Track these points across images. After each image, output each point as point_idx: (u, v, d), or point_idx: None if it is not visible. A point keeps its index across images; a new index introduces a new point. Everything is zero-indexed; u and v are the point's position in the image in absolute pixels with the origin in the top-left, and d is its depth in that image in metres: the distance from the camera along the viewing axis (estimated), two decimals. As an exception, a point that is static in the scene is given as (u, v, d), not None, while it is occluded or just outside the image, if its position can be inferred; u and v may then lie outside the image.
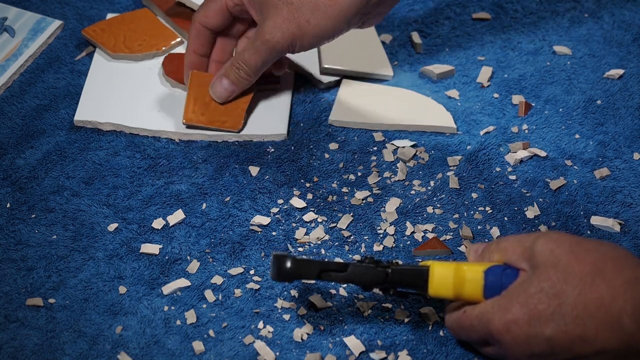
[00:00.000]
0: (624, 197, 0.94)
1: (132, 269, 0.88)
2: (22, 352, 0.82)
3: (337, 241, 0.91)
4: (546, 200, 0.94)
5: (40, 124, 1.00)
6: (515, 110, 1.02)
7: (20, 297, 0.86)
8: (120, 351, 0.82)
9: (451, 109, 1.02)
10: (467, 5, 1.13)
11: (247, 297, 0.86)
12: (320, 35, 0.93)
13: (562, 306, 0.73)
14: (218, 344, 0.83)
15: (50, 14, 1.11)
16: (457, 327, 0.80)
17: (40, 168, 0.96)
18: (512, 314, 0.75)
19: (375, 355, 0.82)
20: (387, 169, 0.97)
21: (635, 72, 1.06)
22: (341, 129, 1.00)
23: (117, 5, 1.13)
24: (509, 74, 1.06)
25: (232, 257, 0.89)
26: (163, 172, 0.96)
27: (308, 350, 0.83)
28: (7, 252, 0.89)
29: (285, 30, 0.92)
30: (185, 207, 0.93)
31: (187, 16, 1.09)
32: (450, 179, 0.95)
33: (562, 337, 0.73)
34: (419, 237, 0.91)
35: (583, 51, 1.08)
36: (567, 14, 1.12)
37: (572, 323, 0.73)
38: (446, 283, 0.79)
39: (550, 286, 0.74)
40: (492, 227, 0.92)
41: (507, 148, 0.98)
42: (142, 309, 0.85)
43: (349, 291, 0.87)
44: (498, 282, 0.78)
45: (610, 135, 1.00)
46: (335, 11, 0.91)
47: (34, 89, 1.04)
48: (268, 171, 0.96)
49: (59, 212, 0.92)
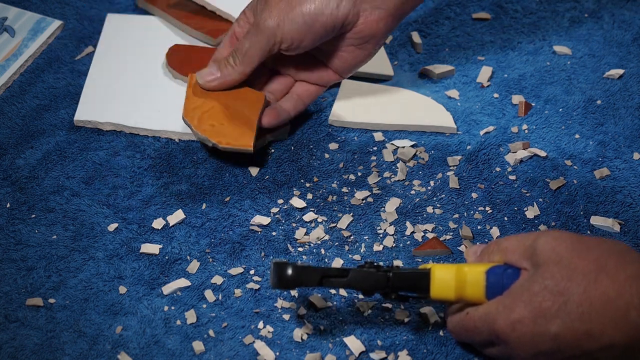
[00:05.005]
0: (624, 197, 0.94)
1: (132, 269, 0.88)
2: (22, 352, 0.82)
3: (337, 241, 0.91)
4: (546, 200, 0.94)
5: (40, 124, 1.00)
6: (515, 110, 1.02)
7: (20, 297, 0.86)
8: (120, 351, 0.82)
9: (451, 109, 1.02)
10: (467, 5, 1.13)
11: (247, 297, 0.86)
12: (307, 11, 0.90)
13: (567, 303, 0.73)
14: (218, 344, 0.83)
15: (50, 14, 1.11)
16: (460, 329, 0.80)
17: (40, 168, 0.96)
18: (517, 313, 0.75)
19: (375, 355, 0.82)
20: (387, 169, 0.97)
21: (635, 72, 1.06)
22: (341, 129, 1.00)
23: (117, 5, 1.13)
24: (509, 74, 1.06)
25: (232, 257, 0.89)
26: (163, 172, 0.96)
27: (308, 350, 0.83)
28: (7, 252, 0.89)
29: (275, 12, 0.91)
30: (185, 207, 0.93)
31: (187, 11, 1.09)
32: (450, 179, 0.95)
33: (568, 334, 0.74)
34: (419, 237, 0.91)
35: (583, 51, 1.08)
36: (567, 14, 1.12)
37: (577, 320, 0.73)
38: (448, 285, 0.78)
39: (554, 284, 0.74)
40: (492, 227, 0.92)
41: (507, 148, 0.98)
42: (142, 309, 0.85)
43: (349, 291, 0.87)
44: (500, 283, 0.78)
45: (610, 135, 1.00)
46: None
47: (34, 89, 1.04)
48: (268, 171, 0.96)
49: (59, 212, 0.92)
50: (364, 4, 0.92)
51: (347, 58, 0.96)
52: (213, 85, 0.95)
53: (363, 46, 0.95)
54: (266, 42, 0.92)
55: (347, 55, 0.95)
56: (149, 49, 1.07)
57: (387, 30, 0.94)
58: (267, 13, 0.91)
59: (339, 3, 0.91)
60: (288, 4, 0.91)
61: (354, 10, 0.91)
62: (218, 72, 0.95)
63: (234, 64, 0.94)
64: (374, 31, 0.93)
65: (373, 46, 0.95)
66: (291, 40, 0.92)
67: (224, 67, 0.95)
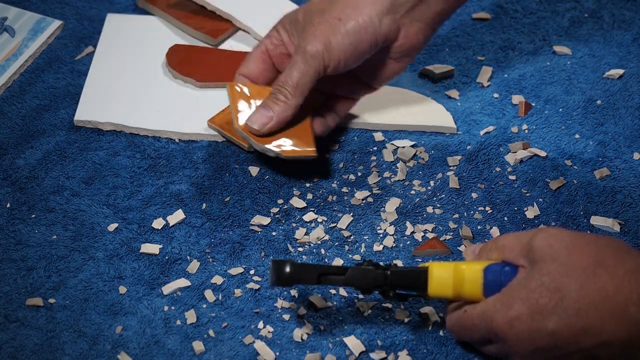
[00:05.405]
0: (624, 197, 0.94)
1: (132, 269, 0.88)
2: (22, 352, 0.82)
3: (337, 241, 0.91)
4: (546, 200, 0.94)
5: (40, 124, 1.00)
6: (515, 110, 1.02)
7: (20, 297, 0.86)
8: (120, 351, 0.82)
9: (451, 109, 1.02)
10: (467, 5, 1.13)
11: (247, 297, 0.86)
12: (352, 31, 0.89)
13: (564, 299, 0.73)
14: (218, 344, 0.83)
15: (50, 14, 1.11)
16: (458, 327, 0.80)
17: (40, 168, 0.96)
18: (514, 310, 0.75)
19: (375, 355, 0.82)
20: (387, 169, 0.97)
21: (635, 72, 1.06)
22: (341, 129, 1.00)
23: (117, 5, 1.13)
24: (509, 74, 1.06)
25: (232, 257, 0.89)
26: (163, 172, 0.96)
27: (308, 350, 0.83)
28: (7, 252, 0.89)
29: (318, 34, 0.89)
30: (185, 207, 0.93)
31: (187, 11, 1.09)
32: (450, 179, 0.95)
33: (565, 330, 0.73)
34: (419, 237, 0.91)
35: (583, 51, 1.08)
36: (567, 14, 1.12)
37: (575, 316, 0.73)
38: (445, 283, 0.79)
39: (550, 280, 0.74)
40: (492, 227, 0.92)
41: (507, 148, 0.98)
42: (142, 309, 0.85)
43: (349, 291, 0.87)
44: (497, 280, 0.78)
45: (610, 135, 1.00)
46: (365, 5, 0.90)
47: (34, 89, 1.04)
48: (268, 171, 0.96)
49: (59, 212, 0.92)
50: (403, 18, 0.91)
51: (384, 71, 0.95)
52: (270, 127, 0.92)
53: (402, 59, 0.94)
54: (316, 70, 0.90)
55: (385, 69, 0.94)
56: (149, 49, 1.07)
57: (426, 42, 0.94)
58: (310, 38, 0.89)
59: (380, 19, 0.90)
60: (330, 25, 0.89)
61: (394, 26, 0.91)
62: (271, 112, 0.91)
63: (286, 99, 0.91)
64: (414, 44, 0.93)
65: (411, 59, 0.94)
66: (338, 62, 0.90)
67: (276, 105, 0.91)
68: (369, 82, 0.96)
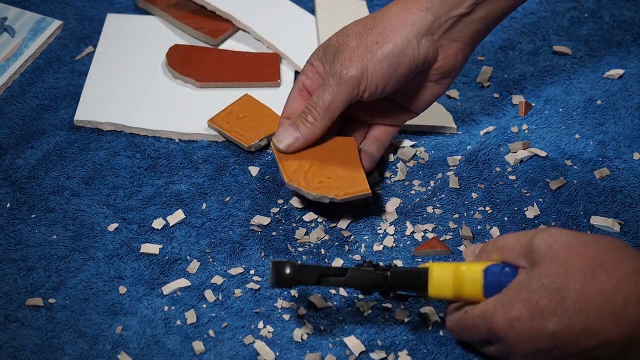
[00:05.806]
0: (624, 197, 0.94)
1: (132, 269, 0.88)
2: (22, 352, 0.82)
3: (337, 241, 0.91)
4: (546, 200, 0.94)
5: (40, 124, 1.00)
6: (515, 110, 1.02)
7: (20, 297, 0.86)
8: (120, 351, 0.82)
9: (451, 109, 1.02)
10: (467, 5, 1.13)
11: (247, 297, 0.86)
12: (390, 54, 0.87)
13: (564, 300, 0.73)
14: (218, 344, 0.83)
15: (50, 14, 1.11)
16: (459, 328, 0.80)
17: (40, 168, 0.96)
18: (514, 311, 0.75)
19: (375, 355, 0.82)
20: (387, 169, 0.97)
21: (635, 72, 1.06)
22: (341, 129, 1.00)
23: (117, 5, 1.13)
24: (509, 74, 1.06)
25: (232, 257, 0.89)
26: (163, 172, 0.96)
27: (308, 350, 0.83)
28: (7, 252, 0.89)
29: (355, 58, 0.87)
30: (185, 207, 0.93)
31: (187, 11, 1.09)
32: (450, 179, 0.95)
33: (565, 331, 0.73)
34: (419, 237, 0.91)
35: (583, 51, 1.08)
36: (567, 14, 1.12)
37: (575, 316, 0.73)
38: (445, 283, 0.79)
39: (551, 281, 0.74)
40: (492, 227, 0.92)
41: (507, 148, 0.98)
42: (142, 309, 0.85)
43: (349, 291, 0.87)
44: (497, 281, 0.78)
45: (610, 135, 1.00)
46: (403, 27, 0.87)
47: (34, 89, 1.04)
48: (268, 171, 0.96)
49: (59, 212, 0.92)
50: (441, 39, 0.89)
51: (425, 95, 0.93)
52: (296, 147, 0.90)
53: (442, 81, 0.92)
54: (349, 93, 0.88)
55: (425, 92, 0.93)
56: (149, 49, 1.07)
57: (465, 61, 0.92)
58: (347, 62, 0.88)
59: (419, 41, 0.87)
60: (367, 49, 0.87)
61: (433, 47, 0.89)
62: (297, 132, 0.90)
63: (315, 120, 0.90)
64: (453, 65, 0.91)
65: (452, 80, 0.92)
66: (376, 87, 0.88)
67: (304, 127, 0.90)
68: (411, 108, 0.94)
